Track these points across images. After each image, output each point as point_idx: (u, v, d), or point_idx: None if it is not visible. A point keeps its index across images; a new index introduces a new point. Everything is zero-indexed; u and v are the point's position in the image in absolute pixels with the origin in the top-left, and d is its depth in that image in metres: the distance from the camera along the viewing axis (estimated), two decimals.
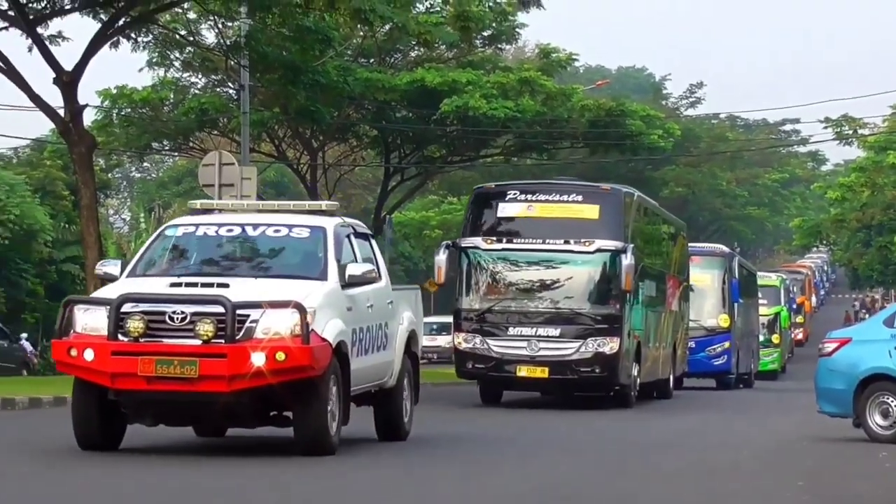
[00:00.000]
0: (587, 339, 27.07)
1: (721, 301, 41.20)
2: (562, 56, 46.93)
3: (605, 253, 27.25)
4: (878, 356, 19.00)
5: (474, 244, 27.81)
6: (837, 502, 12.28)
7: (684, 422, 25.32)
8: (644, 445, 18.89)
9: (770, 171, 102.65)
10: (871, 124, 61.22)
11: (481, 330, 27.69)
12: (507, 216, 28.19)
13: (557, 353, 27.11)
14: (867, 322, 23.17)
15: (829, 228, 70.03)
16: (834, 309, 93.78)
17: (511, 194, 28.34)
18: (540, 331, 27.25)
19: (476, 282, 27.84)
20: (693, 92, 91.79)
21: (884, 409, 18.94)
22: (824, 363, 19.53)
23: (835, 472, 15.11)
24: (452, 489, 13.50)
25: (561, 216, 27.72)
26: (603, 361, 27.03)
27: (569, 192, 28.16)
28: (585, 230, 27.35)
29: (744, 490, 13.09)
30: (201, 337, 14.77)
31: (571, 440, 20.02)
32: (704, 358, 40.51)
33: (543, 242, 27.54)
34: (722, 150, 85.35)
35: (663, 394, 33.34)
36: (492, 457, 16.70)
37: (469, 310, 27.86)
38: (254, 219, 17.13)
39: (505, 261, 27.77)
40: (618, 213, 28.02)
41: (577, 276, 27.49)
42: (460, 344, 27.97)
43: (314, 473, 14.25)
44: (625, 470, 15.35)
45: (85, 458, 15.14)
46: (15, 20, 29.38)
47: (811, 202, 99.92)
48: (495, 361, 27.47)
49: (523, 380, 27.67)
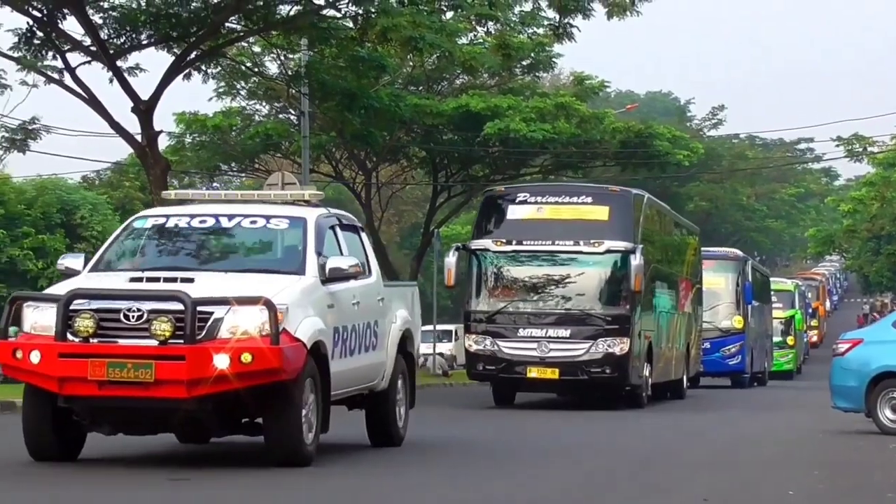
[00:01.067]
0: (597, 339, 25.36)
1: (735, 303, 40.03)
2: (594, 83, 47.01)
3: (615, 254, 25.58)
4: (888, 355, 18.97)
5: (484, 246, 26.22)
6: (851, 490, 12.26)
7: (701, 419, 24.20)
8: (658, 443, 18.07)
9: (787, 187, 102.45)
10: (880, 142, 60.91)
11: (492, 331, 25.93)
12: (516, 218, 26.44)
13: (567, 354, 25.43)
14: (877, 324, 23.10)
15: (841, 238, 70.09)
16: (846, 313, 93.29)
17: (521, 197, 26.75)
18: (550, 332, 25.52)
19: (486, 284, 26.26)
20: (715, 114, 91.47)
21: (893, 404, 18.90)
22: (838, 362, 19.50)
23: (848, 462, 15.08)
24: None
25: (570, 218, 26.06)
26: (613, 362, 25.34)
27: (578, 194, 26.73)
28: (595, 231, 25.70)
29: (764, 480, 13.08)
30: (157, 337, 12.38)
31: (578, 443, 17.91)
32: (719, 358, 39.56)
33: (553, 244, 25.90)
34: (742, 168, 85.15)
35: (677, 394, 31.60)
36: (487, 462, 14.75)
37: (479, 311, 26.19)
38: (230, 209, 14.57)
39: (515, 262, 26.16)
40: (627, 214, 26.36)
41: (587, 277, 25.81)
42: (471, 346, 26.24)
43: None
44: (647, 464, 14.95)
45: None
46: (97, 55, 29.56)
47: (825, 215, 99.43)
48: (506, 363, 25.74)
49: (534, 381, 25.94)
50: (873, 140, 60.61)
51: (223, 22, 29.91)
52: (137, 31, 29.97)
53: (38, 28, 29.46)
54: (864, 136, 60.09)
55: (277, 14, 30.45)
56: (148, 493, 11.61)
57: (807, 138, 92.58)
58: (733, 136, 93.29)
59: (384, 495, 11.89)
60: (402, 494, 11.91)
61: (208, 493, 11.71)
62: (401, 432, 15.79)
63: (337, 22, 30.23)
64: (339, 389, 14.10)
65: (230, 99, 41.28)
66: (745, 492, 12.15)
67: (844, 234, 69.25)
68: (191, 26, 29.90)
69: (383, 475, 13.22)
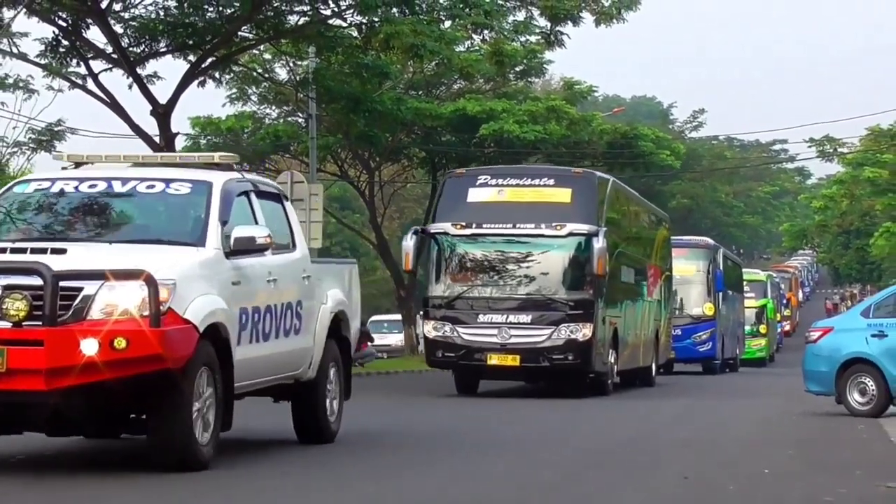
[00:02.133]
0: (559, 325, 23.05)
1: (706, 291, 38.18)
2: (583, 87, 47.09)
3: (578, 237, 23.24)
4: (857, 342, 18.93)
5: (443, 229, 23.79)
6: (823, 466, 12.25)
7: (667, 406, 21.97)
8: (618, 432, 16.22)
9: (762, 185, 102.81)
10: (850, 143, 61.03)
11: (451, 317, 23.52)
12: (477, 201, 23.98)
13: (529, 341, 23.08)
14: (847, 313, 23.07)
15: (813, 233, 70.30)
16: (818, 303, 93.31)
17: (482, 179, 24.35)
18: (511, 317, 23.22)
19: (445, 268, 23.80)
20: (696, 117, 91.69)
21: (861, 388, 18.88)
22: (810, 349, 19.49)
23: (820, 442, 15.07)
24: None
25: (532, 200, 23.74)
26: (576, 348, 23.03)
27: (540, 177, 24.41)
28: (557, 214, 23.38)
29: (742, 457, 13.07)
30: (11, 318, 9.75)
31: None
32: (690, 345, 37.86)
33: (514, 227, 23.47)
34: (721, 167, 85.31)
35: (646, 381, 29.01)
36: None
37: (438, 297, 23.73)
38: (126, 173, 11.78)
39: (474, 246, 23.76)
40: (591, 196, 23.94)
41: (549, 261, 23.45)
42: (430, 332, 23.72)
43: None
44: (599, 459, 13.83)
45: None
46: (118, 62, 29.57)
47: (798, 211, 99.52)
48: (465, 350, 23.34)
49: (494, 368, 23.52)
50: (843, 141, 60.77)
51: (236, 31, 29.92)
52: (156, 39, 29.97)
53: (64, 37, 29.46)
54: (835, 137, 60.25)
55: (287, 24, 30.44)
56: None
57: (781, 140, 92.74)
58: (713, 137, 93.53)
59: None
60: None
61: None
62: (332, 427, 13.07)
63: (343, 31, 30.28)
64: (249, 380, 11.45)
65: (242, 103, 41.26)
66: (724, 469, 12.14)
67: (816, 229, 69.59)
68: (206, 35, 29.89)
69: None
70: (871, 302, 19.84)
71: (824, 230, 69.02)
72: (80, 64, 30.08)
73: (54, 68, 30.03)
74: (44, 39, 29.67)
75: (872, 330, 18.82)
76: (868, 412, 18.59)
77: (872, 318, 19.03)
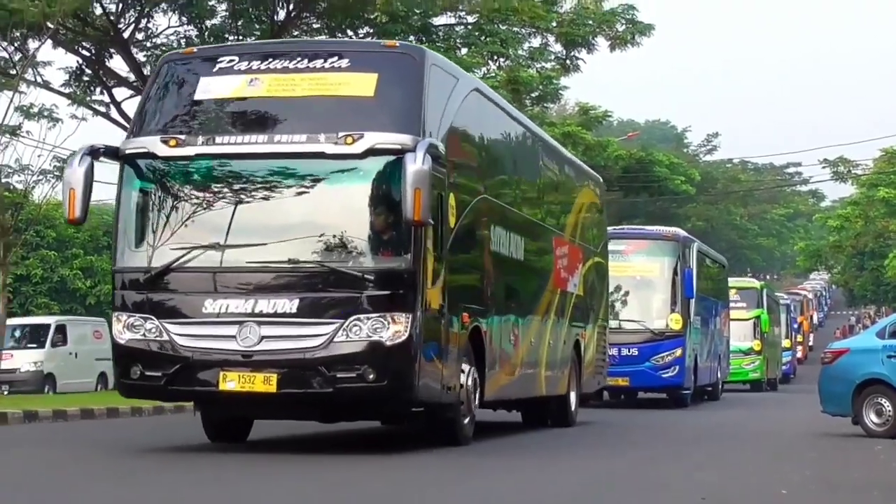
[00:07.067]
0: (350, 318, 12.96)
1: (671, 297, 28.15)
2: (598, 113, 47.19)
3: (384, 156, 13.12)
4: (873, 363, 18.93)
5: (146, 148, 13.59)
6: (841, 487, 12.23)
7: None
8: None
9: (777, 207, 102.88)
10: (863, 165, 61.17)
11: (157, 306, 13.37)
12: (212, 98, 13.98)
13: (294, 347, 12.99)
14: (863, 334, 23.04)
15: (828, 253, 70.40)
16: (834, 324, 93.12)
17: (224, 62, 14.16)
18: (261, 305, 13.07)
19: (149, 220, 13.65)
20: (710, 141, 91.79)
21: (878, 408, 18.86)
22: (826, 370, 19.50)
23: (837, 461, 15.04)
24: None
25: (308, 94, 13.73)
26: (380, 359, 12.94)
27: (325, 56, 14.00)
28: (351, 117, 13.39)
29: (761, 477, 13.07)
30: None
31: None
32: (650, 369, 27.97)
33: (271, 141, 13.37)
34: (735, 190, 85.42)
35: (559, 419, 19.84)
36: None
37: (136, 270, 13.55)
38: None
39: (199, 177, 13.54)
40: (412, 85, 13.63)
41: (332, 203, 13.37)
42: (121, 334, 13.52)
43: None
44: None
45: None
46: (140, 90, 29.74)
47: (813, 233, 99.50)
48: (180, 365, 13.23)
49: (231, 397, 13.22)
50: (857, 163, 60.91)
51: None
52: None
53: (87, 66, 29.67)
54: (849, 159, 60.37)
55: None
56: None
57: (795, 162, 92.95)
58: (727, 160, 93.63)
59: None
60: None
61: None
62: None
63: None
64: None
65: None
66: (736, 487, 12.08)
67: (831, 250, 69.67)
68: None
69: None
70: (887, 323, 19.82)
71: (838, 251, 69.05)
72: (103, 92, 30.30)
73: (78, 97, 30.21)
74: (68, 69, 29.89)
75: (888, 351, 18.82)
76: (885, 433, 18.57)
77: (888, 339, 19.03)
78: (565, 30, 29.44)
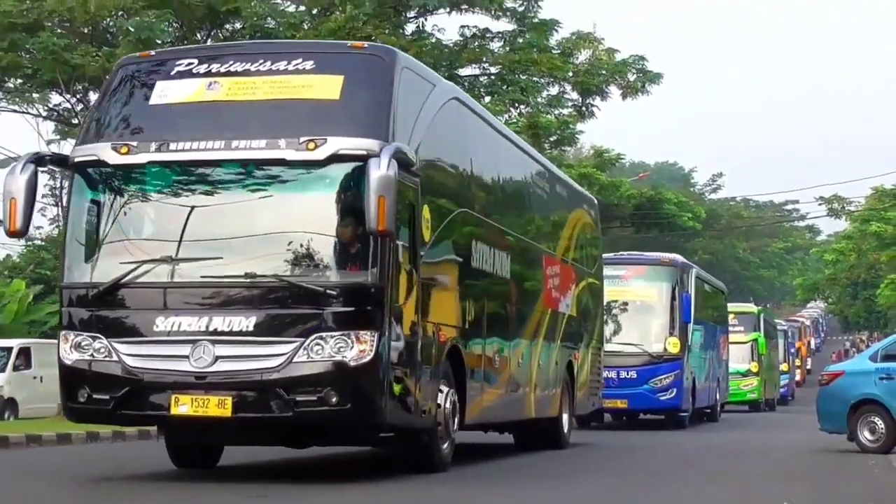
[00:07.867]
0: (311, 336, 11.35)
1: (669, 321, 27.21)
2: (612, 155, 47.41)
3: (349, 163, 11.52)
4: (866, 385, 19.00)
5: (96, 155, 11.99)
6: (836, 498, 12.28)
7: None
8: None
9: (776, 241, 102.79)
10: (856, 202, 61.22)
11: (105, 324, 11.81)
12: (167, 103, 12.29)
13: (250, 368, 11.39)
14: (857, 358, 23.07)
15: (824, 285, 70.41)
16: (830, 349, 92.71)
17: (182, 65, 12.53)
18: (216, 322, 11.48)
19: (99, 231, 12.04)
20: (714, 180, 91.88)
21: (871, 426, 18.91)
22: (824, 391, 19.59)
23: (833, 475, 15.08)
24: None
25: (269, 97, 12.13)
26: (343, 380, 11.31)
27: (289, 58, 12.42)
28: (314, 121, 11.80)
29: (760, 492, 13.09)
30: None
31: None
32: (648, 391, 26.93)
33: (228, 147, 11.69)
34: (738, 226, 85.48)
35: (552, 441, 18.35)
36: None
37: (83, 286, 11.99)
38: None
39: (153, 187, 11.99)
40: (378, 88, 12.05)
41: (293, 213, 11.77)
42: (68, 354, 11.94)
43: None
44: None
45: None
46: None
47: (809, 265, 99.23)
48: (130, 387, 11.62)
49: (184, 421, 11.66)
50: (850, 200, 61.01)
51: None
52: None
53: None
54: (843, 196, 60.48)
55: None
56: None
57: (793, 200, 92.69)
58: (730, 198, 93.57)
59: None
60: None
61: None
62: None
63: None
64: None
65: None
66: None
67: (827, 282, 69.66)
68: None
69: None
70: (879, 347, 19.90)
71: (834, 283, 69.08)
72: None
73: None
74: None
75: (880, 373, 18.89)
76: (877, 449, 18.63)
77: (880, 362, 19.10)
78: (581, 79, 29.61)
